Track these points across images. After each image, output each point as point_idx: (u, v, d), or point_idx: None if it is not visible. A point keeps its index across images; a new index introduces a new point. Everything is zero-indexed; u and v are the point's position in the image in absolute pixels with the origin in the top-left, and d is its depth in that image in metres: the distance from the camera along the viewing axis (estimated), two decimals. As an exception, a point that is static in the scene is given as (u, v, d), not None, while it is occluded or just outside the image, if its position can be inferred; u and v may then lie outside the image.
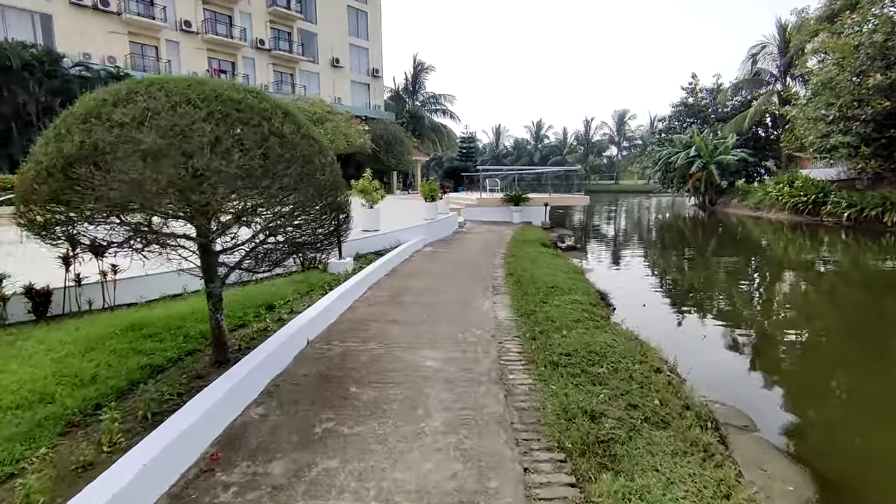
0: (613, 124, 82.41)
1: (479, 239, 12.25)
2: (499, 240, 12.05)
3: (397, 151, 37.95)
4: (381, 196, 9.47)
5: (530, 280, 6.97)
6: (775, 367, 5.82)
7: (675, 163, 30.43)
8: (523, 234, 13.53)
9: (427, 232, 11.26)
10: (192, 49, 34.05)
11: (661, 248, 16.27)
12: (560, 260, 9.30)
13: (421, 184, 11.98)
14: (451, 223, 13.94)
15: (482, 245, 11.08)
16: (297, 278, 6.29)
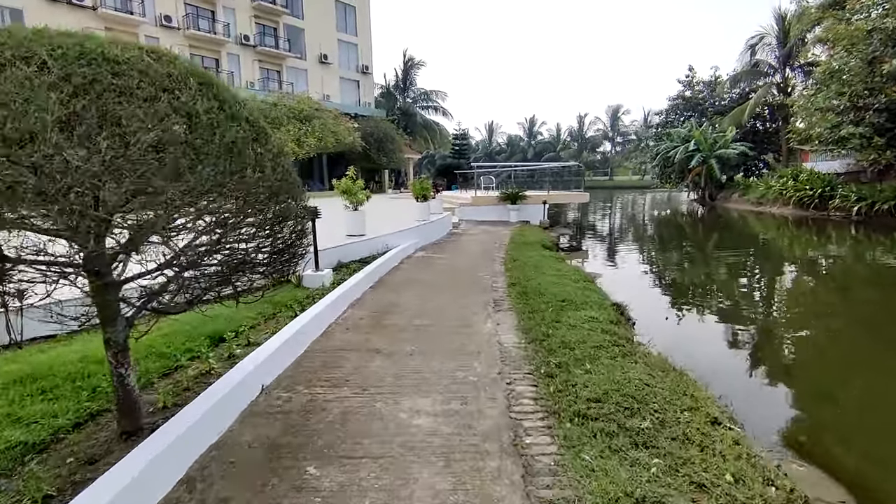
0: (607, 119, 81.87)
1: (475, 241, 11.30)
2: (497, 242, 11.11)
3: (388, 149, 36.93)
4: (367, 196, 8.49)
5: (537, 291, 6.03)
6: (850, 400, 4.91)
7: (673, 157, 29.66)
8: (522, 234, 12.60)
9: (419, 235, 10.30)
10: (174, 45, 32.74)
11: (668, 247, 15.40)
12: (566, 265, 8.37)
13: (412, 182, 11.01)
14: (445, 224, 12.98)
15: (479, 248, 10.13)
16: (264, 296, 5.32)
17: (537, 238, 11.96)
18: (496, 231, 13.58)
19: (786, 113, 30.93)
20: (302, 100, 31.46)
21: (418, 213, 11.39)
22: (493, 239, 11.73)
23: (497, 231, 13.57)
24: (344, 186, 8.08)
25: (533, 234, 13.04)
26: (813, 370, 5.64)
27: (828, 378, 5.37)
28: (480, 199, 17.42)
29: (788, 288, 9.95)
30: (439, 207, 13.75)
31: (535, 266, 7.80)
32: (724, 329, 6.81)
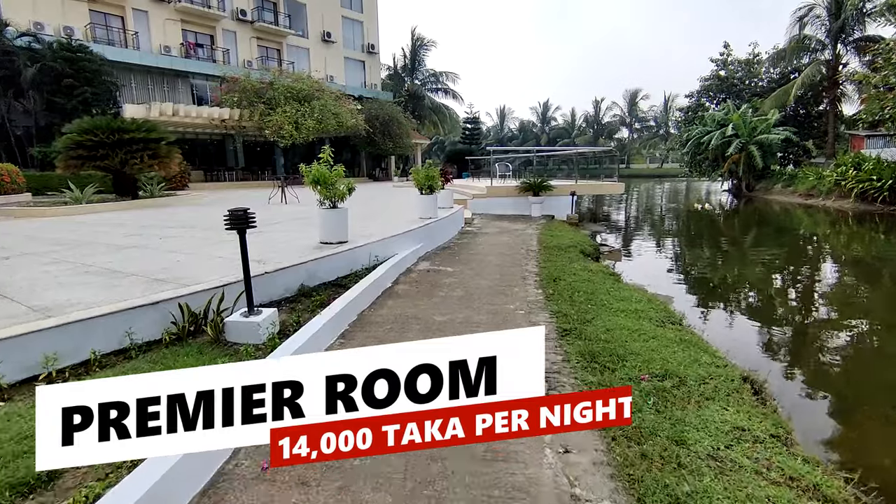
0: (625, 105, 78.28)
1: (494, 245, 8.88)
2: (522, 246, 8.68)
3: (395, 133, 34.37)
4: (349, 188, 6.11)
5: (609, 351, 3.63)
6: None
7: (707, 143, 26.78)
8: (552, 234, 10.15)
9: (423, 237, 7.92)
10: (164, 20, 30.34)
11: (733, 249, 12.79)
12: (628, 288, 5.91)
13: (414, 170, 8.59)
14: (457, 222, 10.57)
15: (501, 257, 7.70)
16: (143, 365, 3.02)
17: (571, 240, 9.51)
18: (518, 229, 11.15)
19: (834, 94, 27.88)
20: (299, 77, 28.94)
21: (423, 208, 8.98)
22: (516, 242, 9.30)
23: (519, 229, 11.13)
24: (316, 174, 5.70)
25: (564, 233, 10.58)
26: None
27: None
28: (497, 190, 14.95)
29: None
30: (449, 200, 11.33)
31: (587, 293, 5.38)
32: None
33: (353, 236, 6.61)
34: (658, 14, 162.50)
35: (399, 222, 8.44)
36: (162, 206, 13.44)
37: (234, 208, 3.51)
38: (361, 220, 8.75)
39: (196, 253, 5.77)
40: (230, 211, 3.48)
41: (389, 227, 7.70)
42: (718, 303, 7.53)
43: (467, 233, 10.48)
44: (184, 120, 25.70)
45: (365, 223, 8.36)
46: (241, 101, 26.51)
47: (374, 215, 9.86)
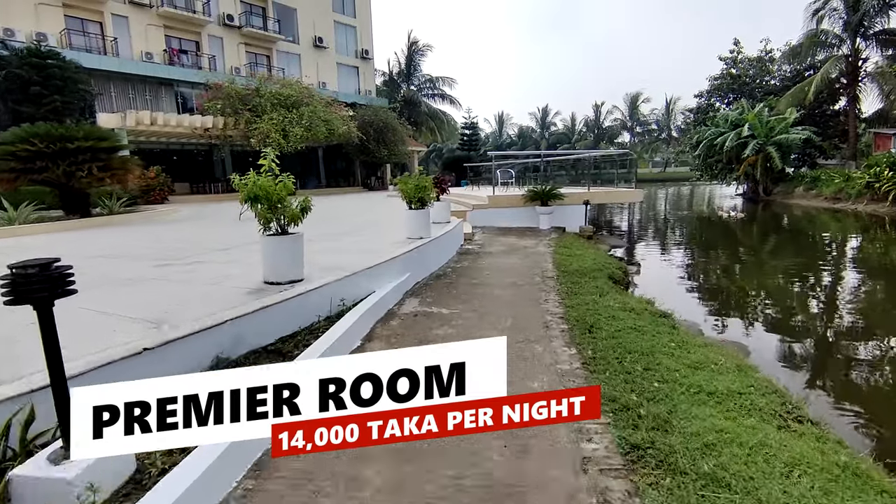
0: (626, 108, 76.91)
1: (501, 271, 7.17)
2: (535, 271, 6.98)
3: (390, 140, 32.80)
4: (304, 206, 4.43)
5: (718, 484, 1.95)
6: None
7: (720, 145, 25.19)
8: (569, 253, 8.45)
9: (412, 265, 6.22)
10: (145, 25, 28.90)
11: (787, 266, 11.05)
12: (708, 350, 4.14)
13: (401, 179, 6.91)
14: (454, 240, 8.89)
15: (511, 290, 5.99)
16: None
17: (593, 261, 7.81)
18: (527, 247, 9.45)
19: (854, 91, 26.33)
20: (287, 83, 27.42)
21: (413, 226, 7.27)
22: (527, 264, 7.58)
23: (528, 247, 9.43)
24: (254, 189, 4.03)
25: (582, 251, 8.87)
26: None
27: None
28: (500, 200, 13.27)
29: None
30: (445, 213, 9.65)
31: (642, 353, 3.68)
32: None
33: (316, 269, 4.92)
34: (656, 15, 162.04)
35: (382, 245, 6.74)
36: (119, 225, 11.79)
37: (23, 263, 1.83)
38: (333, 244, 7.05)
39: (78, 308, 3.95)
40: (12, 270, 1.80)
41: (369, 254, 6.00)
42: (809, 355, 5.78)
43: (468, 253, 8.78)
44: (164, 129, 24.13)
45: (338, 248, 6.67)
46: (224, 109, 24.96)
47: (352, 236, 8.17)
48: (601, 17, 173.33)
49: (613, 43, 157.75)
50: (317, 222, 11.09)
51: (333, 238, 7.67)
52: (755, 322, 6.84)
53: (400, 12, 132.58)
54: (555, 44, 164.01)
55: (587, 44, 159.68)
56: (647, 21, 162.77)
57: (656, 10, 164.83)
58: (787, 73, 29.34)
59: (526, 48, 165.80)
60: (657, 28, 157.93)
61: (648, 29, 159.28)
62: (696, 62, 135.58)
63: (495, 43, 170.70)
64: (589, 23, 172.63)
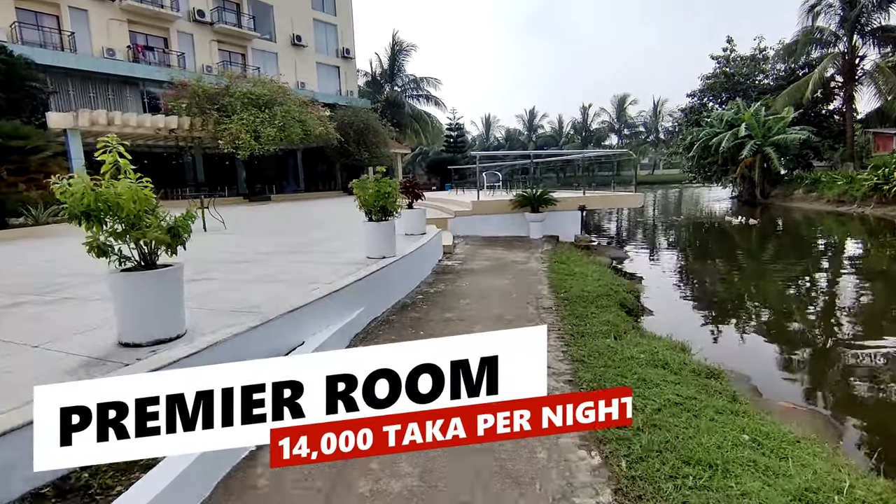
0: (613, 111, 76.21)
1: (484, 300, 5.68)
2: (528, 299, 5.50)
3: (370, 142, 31.23)
4: (179, 228, 2.90)
5: None
6: None
7: (715, 146, 24.12)
8: (568, 271, 6.99)
9: (367, 295, 4.72)
10: (106, 20, 27.03)
11: (836, 286, 9.68)
12: (812, 449, 2.69)
13: (357, 183, 5.37)
14: (430, 256, 7.39)
15: (500, 329, 4.53)
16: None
17: (597, 281, 6.36)
18: (517, 262, 7.98)
19: (851, 90, 25.48)
20: (259, 82, 25.75)
21: (372, 242, 5.74)
22: (517, 288, 6.11)
23: (518, 262, 7.96)
24: (88, 200, 2.50)
25: (581, 268, 7.42)
26: None
27: None
28: (485, 206, 11.81)
29: None
30: (420, 223, 8.15)
31: (708, 464, 2.24)
32: None
33: (215, 314, 3.38)
34: (643, 17, 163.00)
35: (332, 268, 5.21)
36: (39, 238, 10.06)
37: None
38: (267, 268, 5.48)
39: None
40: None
41: (307, 285, 4.47)
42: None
43: (446, 272, 7.27)
44: (124, 131, 22.26)
45: (270, 274, 5.11)
46: (190, 108, 23.20)
47: (300, 254, 6.62)
48: (587, 19, 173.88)
49: (600, 45, 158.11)
50: (266, 234, 9.46)
51: (273, 257, 6.13)
52: (847, 383, 4.72)
53: (384, 12, 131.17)
54: (541, 45, 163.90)
55: (574, 45, 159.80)
56: (633, 23, 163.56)
57: (643, 11, 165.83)
58: (780, 71, 28.48)
59: (512, 49, 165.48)
60: (643, 30, 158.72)
61: (635, 31, 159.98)
62: (685, 64, 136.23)
63: (481, 44, 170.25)
64: (575, 24, 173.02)
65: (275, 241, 7.76)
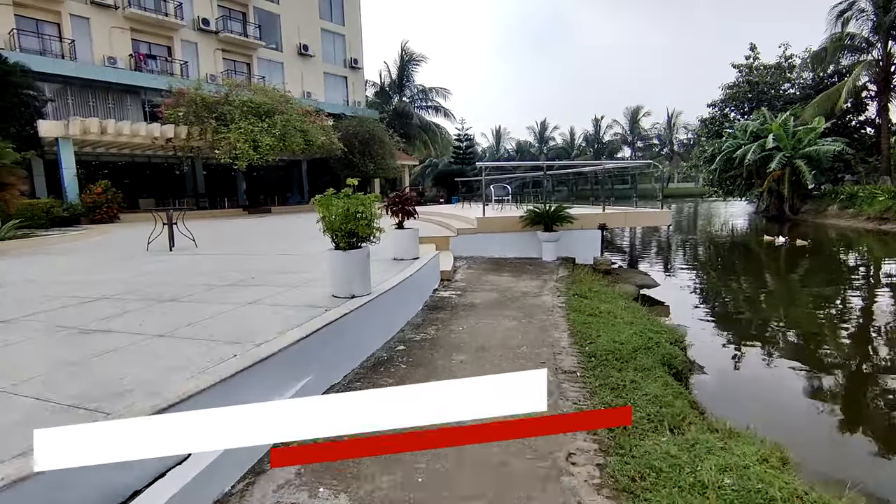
0: (626, 123, 74.99)
1: (486, 352, 4.33)
2: (543, 356, 4.14)
3: (376, 153, 30.17)
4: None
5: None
6: None
7: (739, 159, 22.60)
8: (591, 309, 5.61)
9: (323, 353, 3.43)
10: (108, 28, 26.50)
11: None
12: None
13: (319, 200, 4.07)
14: (421, 287, 6.07)
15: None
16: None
17: (630, 326, 4.98)
18: (527, 292, 6.62)
19: (886, 99, 23.87)
20: (261, 89, 24.87)
21: (339, 277, 4.41)
22: (528, 336, 4.74)
23: (529, 293, 6.61)
24: None
25: (608, 303, 6.04)
26: None
27: None
28: (491, 223, 10.49)
29: None
30: (412, 246, 6.84)
31: None
32: None
33: (52, 411, 2.10)
34: (656, 30, 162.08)
35: (268, 319, 3.90)
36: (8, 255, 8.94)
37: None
38: (188, 317, 4.18)
39: None
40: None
41: (225, 346, 3.18)
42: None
43: (440, 307, 5.93)
44: (119, 140, 21.44)
45: (189, 323, 3.80)
46: (187, 117, 22.33)
47: (253, 288, 5.33)
48: (600, 31, 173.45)
49: (612, 57, 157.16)
50: (238, 255, 8.17)
51: (216, 292, 4.85)
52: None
53: (393, 23, 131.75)
54: (552, 57, 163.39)
55: (585, 57, 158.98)
56: (647, 35, 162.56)
57: (656, 25, 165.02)
58: (807, 80, 26.96)
59: (523, 61, 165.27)
60: (657, 42, 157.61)
61: (648, 43, 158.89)
62: (698, 76, 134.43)
63: (491, 56, 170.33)
64: (587, 36, 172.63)
65: (235, 269, 6.50)
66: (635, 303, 6.63)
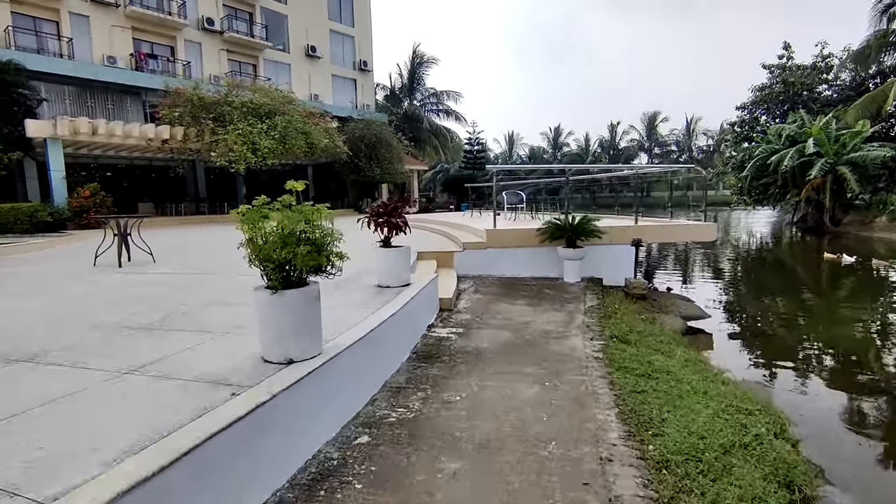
0: (643, 128, 72.87)
1: (493, 451, 2.83)
2: (585, 464, 2.64)
3: (383, 157, 28.84)
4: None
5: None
6: None
7: (773, 165, 20.77)
8: (642, 367, 4.05)
9: (225, 474, 1.95)
10: (109, 27, 25.61)
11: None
12: None
13: (242, 214, 2.56)
14: (408, 329, 4.55)
15: None
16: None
17: (705, 398, 3.44)
18: (548, 332, 5.08)
19: (937, 101, 21.77)
20: (261, 89, 23.71)
21: (271, 333, 2.93)
22: (555, 413, 3.21)
23: (551, 334, 5.06)
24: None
25: (663, 355, 4.48)
26: None
27: None
28: (503, 237, 8.94)
29: None
30: (401, 269, 5.33)
31: None
32: None
33: None
34: (674, 34, 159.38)
35: (136, 417, 2.42)
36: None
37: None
38: (27, 402, 2.68)
39: None
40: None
41: (72, 459, 1.70)
42: None
43: (433, 356, 4.41)
44: (112, 141, 20.38)
45: (23, 417, 2.34)
46: (183, 117, 21.21)
47: (163, 337, 3.86)
48: (613, 35, 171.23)
49: (627, 61, 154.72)
50: (199, 273, 6.76)
51: (114, 341, 3.37)
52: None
53: (404, 27, 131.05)
54: (566, 62, 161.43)
55: (599, 62, 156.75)
56: (665, 39, 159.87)
57: (674, 28, 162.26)
58: (845, 81, 25.00)
59: (536, 66, 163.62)
60: (675, 47, 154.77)
61: (666, 47, 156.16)
62: (720, 80, 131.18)
63: (504, 62, 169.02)
64: (604, 39, 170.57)
65: (178, 292, 5.07)
66: (698, 353, 5.00)
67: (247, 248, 2.86)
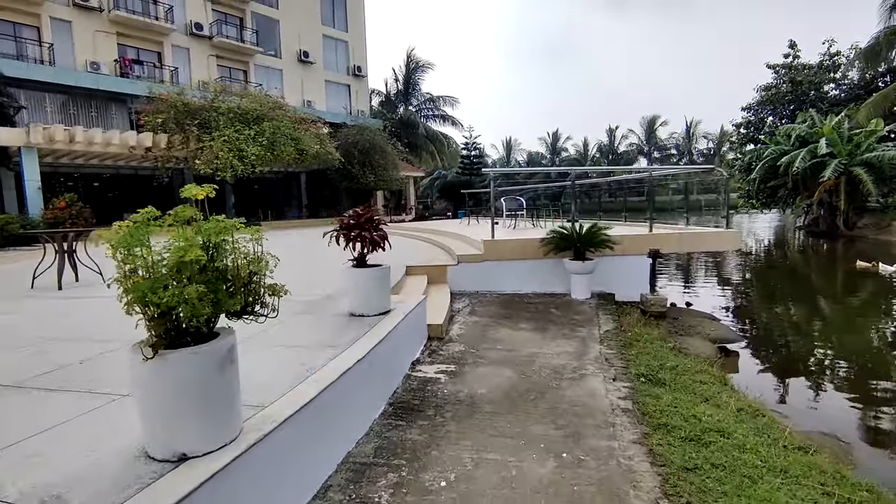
0: (642, 132, 72.14)
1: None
2: None
3: (377, 164, 27.94)
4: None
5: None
6: None
7: (785, 166, 19.90)
8: (689, 424, 3.08)
9: None
10: (93, 32, 24.80)
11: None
12: None
13: (115, 232, 1.57)
14: (383, 373, 3.58)
15: None
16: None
17: (782, 481, 2.49)
18: (558, 367, 4.12)
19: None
20: (249, 94, 22.87)
21: (155, 419, 1.99)
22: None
23: (561, 370, 4.10)
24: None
25: (704, 396, 3.52)
26: None
27: None
28: (502, 248, 7.97)
29: None
30: (379, 293, 4.36)
31: None
32: None
33: None
34: (671, 37, 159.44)
35: None
36: None
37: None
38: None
39: None
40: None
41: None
42: None
43: (413, 410, 3.43)
44: (90, 149, 19.47)
45: None
46: (167, 124, 20.33)
47: (51, 395, 2.86)
48: (615, 38, 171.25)
49: (624, 65, 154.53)
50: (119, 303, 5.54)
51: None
52: None
53: (399, 30, 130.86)
54: (562, 67, 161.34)
55: (600, 64, 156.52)
56: (663, 43, 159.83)
57: (671, 31, 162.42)
58: (853, 80, 24.22)
59: (532, 72, 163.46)
60: (673, 50, 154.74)
61: (664, 51, 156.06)
62: (719, 83, 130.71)
63: (500, 68, 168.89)
64: (602, 44, 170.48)
65: (105, 324, 4.10)
66: (744, 396, 4.01)
67: (119, 285, 1.88)
